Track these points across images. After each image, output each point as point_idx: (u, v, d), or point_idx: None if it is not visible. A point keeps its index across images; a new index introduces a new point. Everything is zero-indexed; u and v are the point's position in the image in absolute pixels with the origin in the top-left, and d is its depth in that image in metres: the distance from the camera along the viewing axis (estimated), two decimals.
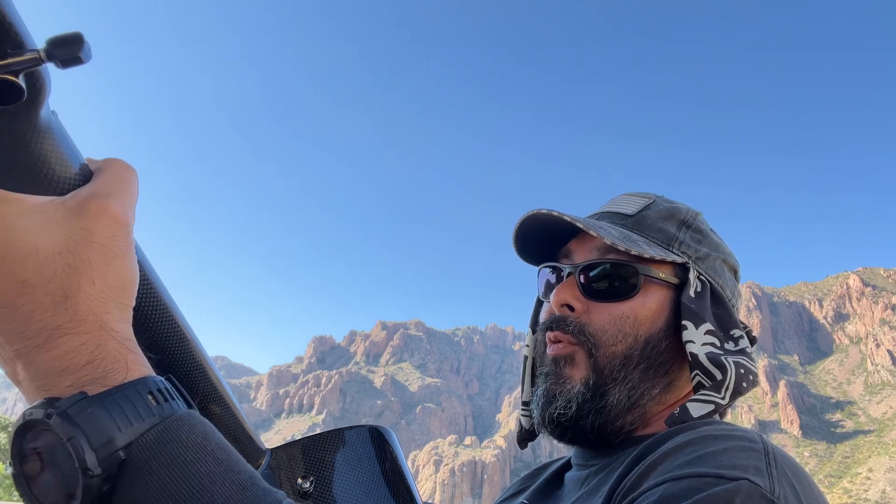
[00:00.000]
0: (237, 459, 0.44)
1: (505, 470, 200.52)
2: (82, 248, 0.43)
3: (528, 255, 0.94)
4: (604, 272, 0.82)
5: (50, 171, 0.43)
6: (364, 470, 0.70)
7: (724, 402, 0.76)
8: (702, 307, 0.81)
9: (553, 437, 0.83)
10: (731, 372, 0.76)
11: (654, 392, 0.80)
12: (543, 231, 0.88)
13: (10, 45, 0.37)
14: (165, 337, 0.52)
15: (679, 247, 0.85)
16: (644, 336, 0.80)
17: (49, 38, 0.39)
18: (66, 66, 0.39)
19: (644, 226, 0.86)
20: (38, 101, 0.40)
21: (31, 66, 0.38)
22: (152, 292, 0.52)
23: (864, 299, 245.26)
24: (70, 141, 0.45)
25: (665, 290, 0.82)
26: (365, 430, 0.74)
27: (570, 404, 0.79)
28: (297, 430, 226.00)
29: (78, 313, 0.42)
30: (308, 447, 0.70)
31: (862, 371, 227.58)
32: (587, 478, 0.79)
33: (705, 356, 0.77)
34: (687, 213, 0.89)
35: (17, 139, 0.41)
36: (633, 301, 0.81)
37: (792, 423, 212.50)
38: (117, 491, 0.40)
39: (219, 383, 0.58)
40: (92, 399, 0.41)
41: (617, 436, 0.80)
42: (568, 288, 0.83)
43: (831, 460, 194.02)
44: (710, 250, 0.87)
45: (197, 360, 0.55)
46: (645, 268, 0.81)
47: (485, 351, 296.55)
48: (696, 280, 0.83)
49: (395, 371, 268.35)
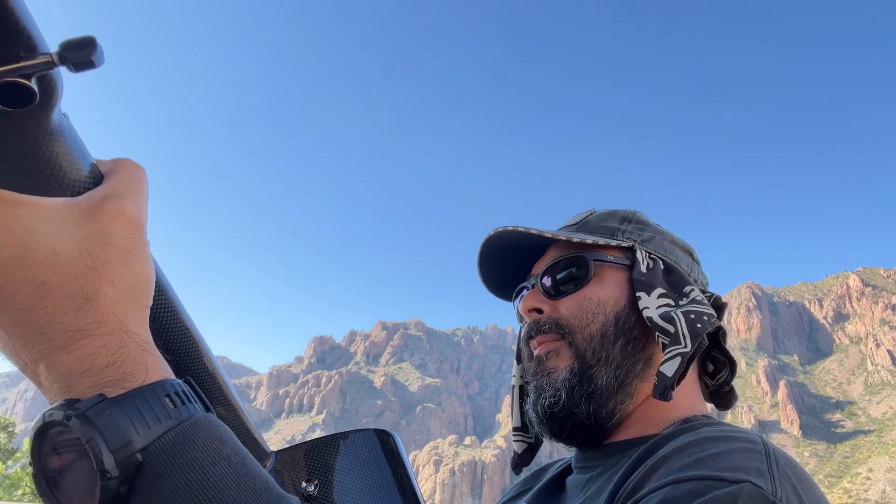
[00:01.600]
0: (252, 464, 0.45)
1: (505, 470, 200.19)
2: (100, 250, 0.43)
3: (500, 290, 1.01)
4: (559, 271, 0.88)
5: (62, 173, 0.43)
6: (368, 473, 0.70)
7: (688, 349, 0.77)
8: (652, 277, 0.86)
9: (551, 435, 0.85)
10: (679, 320, 0.79)
11: (637, 368, 0.83)
12: (508, 262, 0.96)
13: (22, 48, 0.37)
14: (176, 338, 0.53)
15: (622, 235, 0.91)
16: (612, 313, 0.84)
17: (62, 42, 0.38)
18: (78, 70, 0.39)
19: (588, 228, 0.93)
20: (50, 104, 0.40)
21: (43, 69, 0.38)
22: (163, 293, 0.52)
23: (864, 299, 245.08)
24: (81, 143, 0.46)
25: (619, 271, 0.88)
26: (370, 433, 0.74)
27: (558, 392, 0.81)
28: (297, 430, 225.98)
29: (99, 315, 0.42)
30: (312, 450, 0.69)
31: (862, 371, 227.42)
32: (588, 482, 0.80)
33: (659, 316, 0.81)
34: (626, 212, 0.95)
35: (30, 142, 0.41)
36: (591, 286, 0.86)
37: (792, 423, 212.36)
38: (134, 493, 0.41)
39: (225, 385, 0.58)
40: (111, 401, 0.41)
41: (611, 418, 0.81)
42: (532, 295, 0.89)
43: (831, 460, 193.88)
44: (655, 234, 0.92)
45: (205, 361, 0.56)
46: (593, 254, 0.87)
47: (485, 351, 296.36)
48: (646, 259, 0.88)
49: (395, 371, 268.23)
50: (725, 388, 0.90)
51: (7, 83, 0.37)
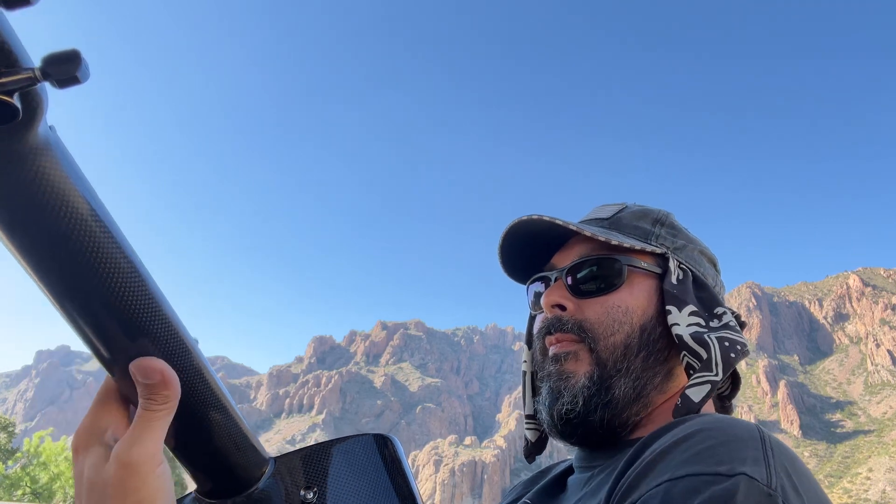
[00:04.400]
0: None
1: (505, 470, 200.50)
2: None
3: (515, 274, 0.96)
4: (589, 269, 0.84)
5: (49, 188, 0.42)
6: (367, 479, 0.69)
7: (719, 377, 0.76)
8: (684, 292, 0.83)
9: (562, 438, 0.84)
10: (713, 347, 0.78)
11: (656, 381, 0.81)
12: (526, 247, 0.91)
13: (3, 63, 0.36)
14: (167, 345, 0.52)
15: (656, 239, 0.88)
16: (639, 324, 0.82)
17: (45, 56, 0.37)
18: (62, 87, 0.38)
19: (621, 226, 0.90)
20: (34, 120, 0.39)
21: (25, 85, 0.37)
22: (151, 297, 0.50)
23: (864, 299, 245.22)
24: (69, 156, 0.45)
25: (649, 279, 0.85)
26: (369, 438, 0.73)
27: (576, 399, 0.80)
28: (297, 430, 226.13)
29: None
30: (312, 456, 0.69)
31: (862, 371, 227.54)
32: (589, 479, 0.80)
33: (690, 336, 0.79)
34: (659, 213, 0.93)
35: (15, 158, 0.40)
36: (621, 292, 0.83)
37: (792, 423, 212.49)
38: None
39: (219, 389, 0.58)
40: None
41: (624, 428, 0.81)
42: (557, 290, 0.86)
43: (831, 460, 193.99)
44: (687, 242, 0.90)
45: (198, 367, 0.55)
46: (627, 258, 0.84)
47: (485, 351, 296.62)
48: (676, 269, 0.86)
49: (395, 371, 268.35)
50: (727, 402, 0.90)
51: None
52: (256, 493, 0.62)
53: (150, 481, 0.49)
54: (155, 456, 0.50)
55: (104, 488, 0.49)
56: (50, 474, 32.02)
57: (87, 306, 0.47)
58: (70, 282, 0.45)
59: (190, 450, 0.57)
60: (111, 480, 0.49)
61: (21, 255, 0.44)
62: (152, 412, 0.50)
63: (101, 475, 0.50)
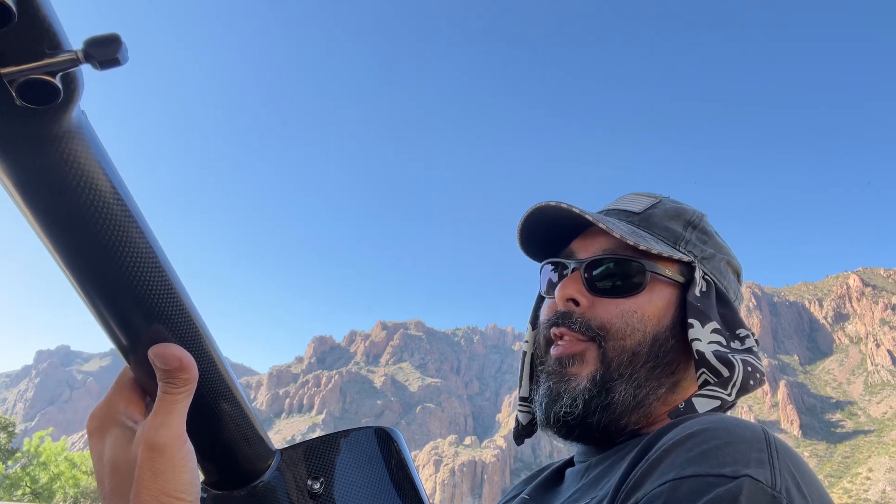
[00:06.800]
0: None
1: (505, 470, 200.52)
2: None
3: (532, 251, 0.93)
4: (610, 268, 0.81)
5: (80, 171, 0.43)
6: (372, 471, 0.70)
7: (731, 399, 0.75)
8: (708, 306, 0.81)
9: (558, 437, 0.82)
10: (738, 369, 0.76)
11: (659, 392, 0.79)
12: (547, 229, 0.88)
13: (47, 45, 0.37)
14: (183, 332, 0.53)
15: (685, 245, 0.85)
16: (652, 333, 0.79)
17: (87, 39, 0.38)
18: (103, 68, 0.39)
19: (651, 223, 0.86)
20: (71, 102, 0.40)
21: (68, 67, 0.37)
22: (172, 288, 0.52)
23: (864, 299, 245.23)
24: (98, 141, 0.46)
25: (671, 288, 0.82)
26: (372, 430, 0.75)
27: (576, 402, 0.78)
28: (298, 430, 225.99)
29: None
30: (317, 448, 0.70)
31: (862, 371, 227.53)
32: (587, 470, 0.79)
33: (712, 354, 0.77)
34: (693, 214, 0.90)
35: (51, 139, 0.41)
36: (640, 298, 0.80)
37: (792, 423, 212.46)
38: None
39: (231, 382, 0.59)
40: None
41: (621, 435, 0.79)
42: (573, 283, 0.82)
43: (831, 460, 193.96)
44: (715, 251, 0.88)
45: (211, 356, 0.56)
46: (652, 265, 0.81)
47: (485, 351, 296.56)
48: (701, 280, 0.83)
49: (395, 371, 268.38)
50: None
51: (30, 80, 0.37)
52: (262, 485, 0.63)
53: (177, 462, 0.51)
54: (181, 437, 0.52)
55: (131, 470, 0.51)
56: (50, 474, 32.07)
57: (109, 290, 0.48)
58: (94, 265, 0.46)
59: (199, 439, 0.57)
60: (139, 462, 0.50)
61: (49, 239, 0.45)
62: (173, 395, 0.51)
63: (126, 455, 0.53)
